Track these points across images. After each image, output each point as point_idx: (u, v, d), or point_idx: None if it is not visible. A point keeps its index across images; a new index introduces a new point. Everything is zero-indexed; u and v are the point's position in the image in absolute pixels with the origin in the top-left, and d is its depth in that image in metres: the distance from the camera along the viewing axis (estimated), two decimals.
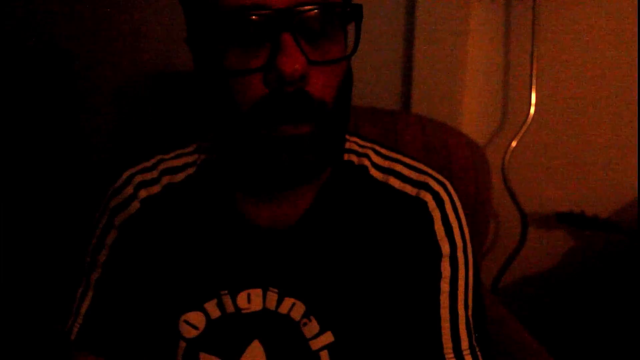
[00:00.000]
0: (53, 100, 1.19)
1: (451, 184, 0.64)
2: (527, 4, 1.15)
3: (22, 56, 1.18)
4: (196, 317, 0.60)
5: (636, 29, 1.13)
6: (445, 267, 0.60)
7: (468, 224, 0.65)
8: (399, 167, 0.63)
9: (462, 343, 0.60)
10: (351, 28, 0.54)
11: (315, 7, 0.48)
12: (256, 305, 0.60)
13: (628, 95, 1.17)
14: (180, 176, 0.64)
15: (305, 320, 0.59)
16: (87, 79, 1.23)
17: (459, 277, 0.61)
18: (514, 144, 1.18)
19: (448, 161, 0.99)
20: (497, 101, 1.23)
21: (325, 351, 0.59)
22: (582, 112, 1.19)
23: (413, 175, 0.62)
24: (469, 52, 1.18)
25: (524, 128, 1.17)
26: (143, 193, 0.63)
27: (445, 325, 0.59)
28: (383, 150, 0.65)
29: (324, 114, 0.51)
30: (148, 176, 0.64)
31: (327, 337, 0.59)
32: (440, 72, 1.15)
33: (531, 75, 1.16)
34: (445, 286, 0.60)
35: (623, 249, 1.19)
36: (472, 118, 1.23)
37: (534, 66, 1.15)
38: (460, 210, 0.64)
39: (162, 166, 0.64)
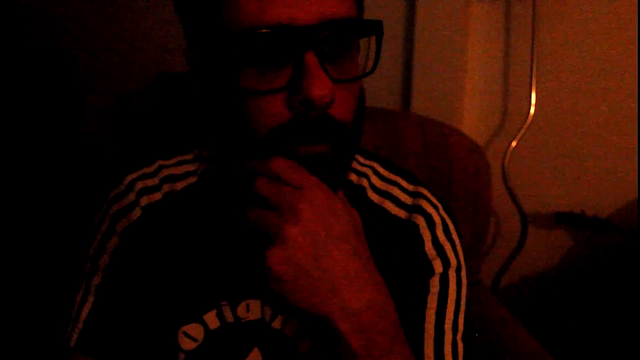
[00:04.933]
0: (53, 100, 1.20)
1: (447, 206, 0.64)
2: (527, 4, 1.15)
3: (22, 57, 1.18)
4: (195, 329, 0.59)
5: (636, 29, 1.13)
6: (435, 284, 0.60)
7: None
8: (396, 192, 0.63)
9: None
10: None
11: (340, 25, 0.47)
12: (255, 314, 0.60)
13: (628, 95, 1.17)
14: (181, 184, 0.63)
15: (298, 336, 0.59)
16: (87, 80, 1.23)
17: (449, 296, 0.60)
18: (514, 144, 1.18)
19: (448, 161, 0.99)
20: (497, 101, 1.23)
21: None
22: (582, 112, 1.19)
23: (408, 200, 0.63)
24: (469, 52, 1.18)
25: (524, 128, 1.17)
26: (145, 200, 0.62)
27: (429, 341, 0.58)
28: (382, 171, 0.65)
29: (343, 135, 0.50)
30: (149, 183, 0.63)
31: (321, 354, 0.59)
32: (440, 72, 1.15)
33: (531, 75, 1.16)
34: (432, 302, 0.60)
35: (623, 249, 1.19)
36: (472, 118, 1.23)
37: (534, 66, 1.15)
38: (454, 232, 0.63)
39: (162, 173, 0.64)
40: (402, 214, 0.62)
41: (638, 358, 1.04)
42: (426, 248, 0.61)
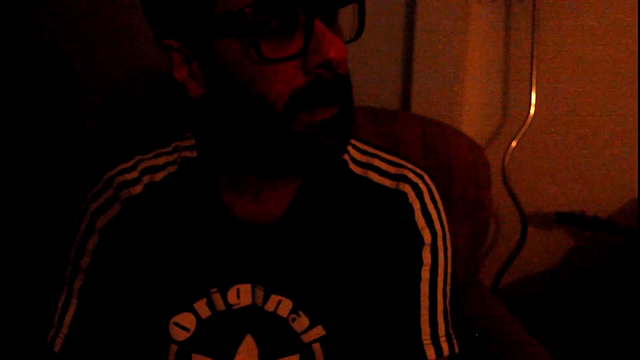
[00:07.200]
0: (52, 100, 1.19)
1: (429, 175, 0.66)
2: (527, 4, 1.15)
3: (22, 56, 1.18)
4: (186, 319, 0.59)
5: (636, 29, 1.13)
6: (426, 256, 0.62)
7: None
8: (376, 162, 0.64)
9: (439, 330, 0.62)
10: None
11: None
12: (246, 300, 0.60)
13: (628, 95, 1.17)
14: (161, 174, 0.63)
15: (293, 315, 0.59)
16: (87, 79, 1.23)
17: (439, 266, 0.63)
18: (514, 144, 1.18)
19: (448, 161, 0.99)
20: (497, 101, 1.23)
21: (317, 343, 0.59)
22: (582, 112, 1.19)
23: (391, 169, 0.64)
24: (469, 52, 1.18)
25: (524, 128, 1.17)
26: (125, 194, 0.62)
27: (425, 312, 0.61)
28: (361, 145, 0.67)
29: (350, 95, 0.53)
30: (128, 177, 0.63)
31: (318, 331, 0.59)
32: (440, 72, 1.15)
33: (531, 75, 1.16)
34: (425, 274, 0.62)
35: (623, 249, 1.19)
36: (472, 118, 1.23)
37: (534, 66, 1.15)
38: (439, 200, 0.65)
39: (141, 166, 0.64)
40: (386, 182, 0.63)
41: (638, 358, 1.04)
42: (416, 217, 0.62)
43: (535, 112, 1.17)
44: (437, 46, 1.14)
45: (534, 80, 1.16)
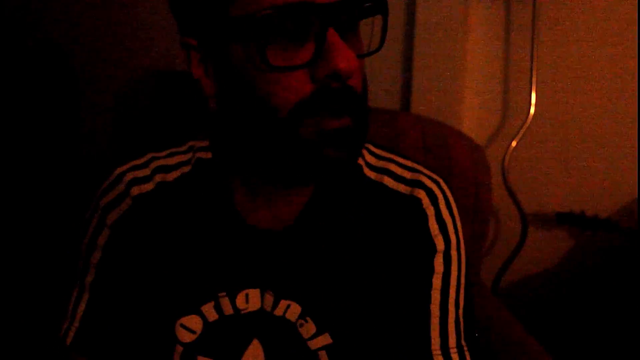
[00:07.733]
0: (53, 100, 1.20)
1: (446, 182, 0.65)
2: (527, 4, 1.15)
3: (22, 56, 1.18)
4: (192, 321, 0.59)
5: (636, 29, 1.13)
6: (439, 263, 0.61)
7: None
8: (392, 167, 0.63)
9: (449, 341, 0.60)
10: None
11: (357, 3, 0.50)
12: (254, 305, 0.60)
13: (628, 95, 1.16)
14: (173, 174, 0.63)
15: (301, 321, 0.59)
16: (87, 79, 1.23)
17: (452, 275, 0.61)
18: (514, 144, 1.18)
19: (448, 161, 0.99)
20: (497, 101, 1.23)
21: (324, 351, 0.59)
22: (582, 112, 1.19)
23: (406, 174, 0.63)
24: (469, 52, 1.18)
25: (524, 128, 1.17)
26: (135, 190, 0.61)
27: (435, 321, 0.60)
28: (376, 150, 0.66)
29: (362, 106, 0.52)
30: (140, 174, 0.62)
31: (325, 338, 0.59)
32: (440, 72, 1.15)
33: (531, 75, 1.16)
34: (437, 282, 0.60)
35: (623, 249, 1.19)
36: (472, 118, 1.23)
37: (534, 66, 1.15)
38: (454, 207, 0.64)
39: (154, 164, 0.63)
40: (402, 188, 0.62)
41: (638, 358, 1.04)
42: (429, 224, 0.61)
43: (535, 112, 1.17)
44: (437, 46, 1.14)
45: (534, 80, 1.16)
